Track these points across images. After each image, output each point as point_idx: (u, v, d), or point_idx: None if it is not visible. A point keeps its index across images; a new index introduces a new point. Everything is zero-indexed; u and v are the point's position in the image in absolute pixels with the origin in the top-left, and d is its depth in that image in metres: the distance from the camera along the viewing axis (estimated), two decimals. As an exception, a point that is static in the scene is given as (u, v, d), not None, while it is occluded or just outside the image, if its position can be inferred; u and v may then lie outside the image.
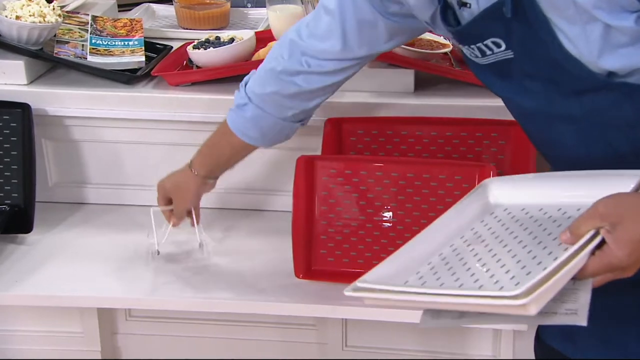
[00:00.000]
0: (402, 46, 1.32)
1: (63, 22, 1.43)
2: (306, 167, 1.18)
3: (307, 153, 1.20)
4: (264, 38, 1.44)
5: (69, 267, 1.27)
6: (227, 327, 1.53)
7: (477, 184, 1.15)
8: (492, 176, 1.13)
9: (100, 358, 1.51)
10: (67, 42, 1.41)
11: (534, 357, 1.47)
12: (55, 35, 1.42)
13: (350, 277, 1.18)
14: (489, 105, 1.28)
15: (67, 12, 1.51)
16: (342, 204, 1.19)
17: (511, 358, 1.45)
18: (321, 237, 1.20)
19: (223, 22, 1.67)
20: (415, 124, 1.26)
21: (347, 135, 1.27)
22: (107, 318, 1.52)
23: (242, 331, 1.53)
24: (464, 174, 1.15)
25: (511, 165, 1.25)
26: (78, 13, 1.52)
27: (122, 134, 1.39)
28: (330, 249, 1.20)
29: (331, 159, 1.20)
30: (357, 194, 1.19)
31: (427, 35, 1.39)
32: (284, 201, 1.31)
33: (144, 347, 1.56)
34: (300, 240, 1.18)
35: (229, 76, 1.37)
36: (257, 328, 1.52)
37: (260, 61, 1.34)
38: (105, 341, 1.52)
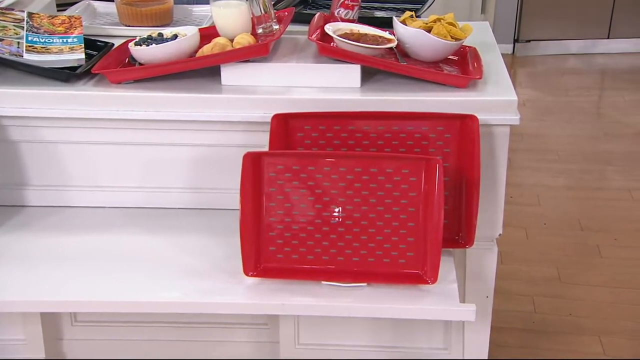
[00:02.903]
0: (348, 42, 1.32)
1: (-3, 19, 1.39)
2: (253, 164, 1.16)
3: (253, 150, 1.18)
4: (208, 34, 1.42)
5: (10, 271, 1.23)
6: (176, 329, 1.50)
7: (424, 177, 1.16)
8: (438, 169, 1.14)
9: (44, 365, 1.47)
10: (2, 40, 1.36)
11: (484, 349, 1.49)
12: (-12, 33, 1.37)
13: (299, 273, 1.19)
14: (434, 100, 1.29)
15: (0, 8, 1.46)
16: (291, 200, 1.18)
17: (462, 350, 1.47)
18: (270, 234, 1.18)
19: (166, 19, 1.64)
20: (363, 118, 1.26)
21: (295, 131, 1.26)
22: (51, 323, 1.48)
23: (193, 333, 1.51)
24: (410, 168, 1.16)
25: (457, 159, 1.26)
26: (13, 10, 1.47)
27: (62, 133, 1.35)
28: (279, 246, 1.19)
29: (278, 155, 1.19)
30: (306, 190, 1.18)
31: (373, 31, 1.39)
32: (231, 199, 1.30)
33: (90, 352, 1.52)
34: (248, 237, 1.17)
35: (172, 73, 1.34)
36: (208, 329, 1.51)
37: (205, 57, 1.34)
38: (50, 347, 1.48)
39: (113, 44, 1.47)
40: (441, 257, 1.20)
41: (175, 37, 1.37)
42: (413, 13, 1.43)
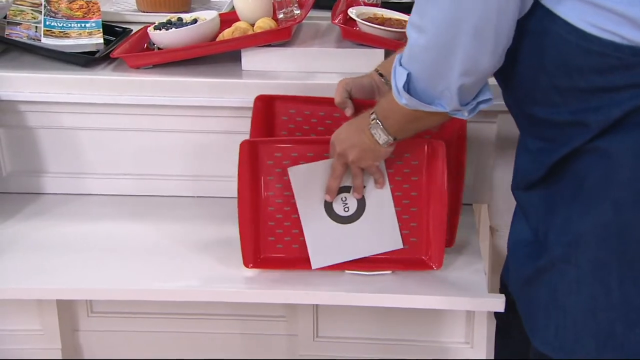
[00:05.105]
0: (372, 25, 1.29)
1: (14, 3, 1.38)
2: (250, 152, 1.12)
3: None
4: (228, 19, 1.40)
5: (26, 259, 1.21)
6: (193, 321, 1.48)
7: (427, 160, 1.12)
8: (441, 152, 1.10)
9: (60, 357, 1.45)
10: (19, 24, 1.35)
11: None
12: (5, 17, 1.35)
13: (300, 263, 1.14)
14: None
15: (18, -7, 1.44)
16: (290, 188, 1.14)
17: (485, 344, 1.44)
18: (269, 223, 1.14)
19: (184, 6, 1.62)
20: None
21: (279, 114, 1.22)
22: (67, 314, 1.46)
23: (209, 325, 1.48)
24: (412, 152, 1.12)
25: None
26: (31, -6, 1.46)
27: (80, 119, 1.33)
28: (278, 236, 1.15)
29: (276, 142, 1.14)
30: None
31: (397, 15, 1.37)
32: (227, 187, 1.26)
33: (106, 344, 1.50)
34: (247, 228, 1.13)
35: (191, 58, 1.32)
36: (224, 321, 1.48)
37: (225, 41, 1.31)
38: (66, 339, 1.46)
39: (131, 30, 1.45)
40: (468, 247, 1.17)
41: (195, 21, 1.35)
42: (438, -3, 1.40)
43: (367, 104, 1.16)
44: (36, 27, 1.36)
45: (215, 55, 1.34)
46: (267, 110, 1.21)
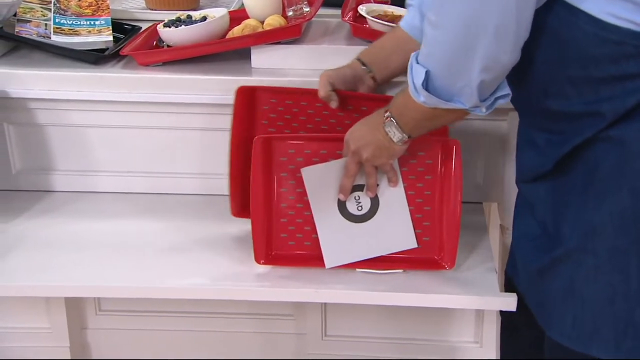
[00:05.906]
0: (382, 22, 1.29)
1: (24, 1, 1.38)
2: (263, 148, 1.11)
3: None
4: (238, 17, 1.39)
5: (35, 257, 1.20)
6: (201, 319, 1.48)
7: (440, 159, 1.11)
8: (456, 151, 1.10)
9: (69, 356, 1.45)
10: (29, 21, 1.35)
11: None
12: (15, 14, 1.35)
13: (312, 260, 1.14)
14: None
15: (28, -10, 1.44)
16: (302, 185, 1.13)
17: (494, 343, 1.43)
18: (281, 220, 1.14)
19: (193, 4, 1.61)
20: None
21: (260, 104, 1.21)
22: (75, 312, 1.46)
23: (218, 324, 1.48)
24: (426, 150, 1.12)
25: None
26: (40, -8, 1.46)
27: (90, 116, 1.33)
28: (291, 232, 1.14)
29: (289, 139, 1.13)
30: None
31: (402, 11, 1.36)
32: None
33: (114, 342, 1.50)
34: (259, 224, 1.12)
35: (201, 55, 1.32)
36: (233, 320, 1.48)
37: (235, 39, 1.31)
38: (74, 337, 1.46)
39: (140, 27, 1.45)
40: (479, 245, 1.17)
41: (204, 19, 1.35)
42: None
43: (351, 95, 1.17)
44: (46, 24, 1.36)
45: (225, 52, 1.34)
46: (248, 100, 1.20)
